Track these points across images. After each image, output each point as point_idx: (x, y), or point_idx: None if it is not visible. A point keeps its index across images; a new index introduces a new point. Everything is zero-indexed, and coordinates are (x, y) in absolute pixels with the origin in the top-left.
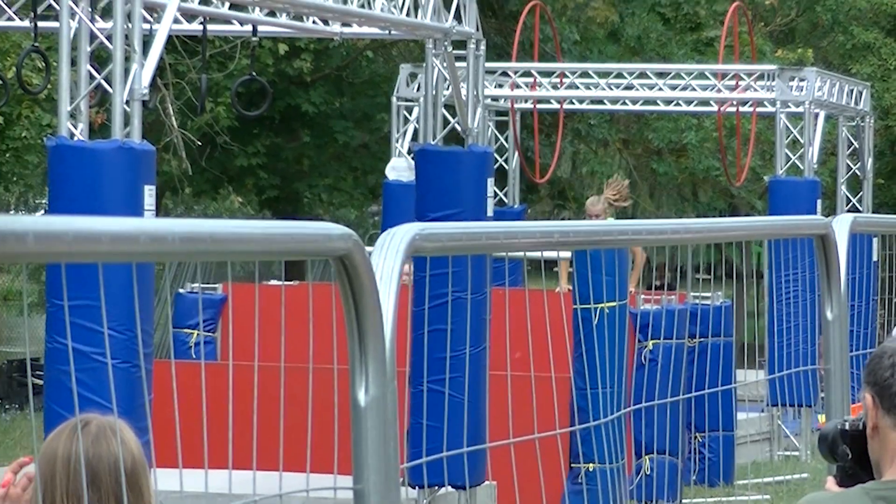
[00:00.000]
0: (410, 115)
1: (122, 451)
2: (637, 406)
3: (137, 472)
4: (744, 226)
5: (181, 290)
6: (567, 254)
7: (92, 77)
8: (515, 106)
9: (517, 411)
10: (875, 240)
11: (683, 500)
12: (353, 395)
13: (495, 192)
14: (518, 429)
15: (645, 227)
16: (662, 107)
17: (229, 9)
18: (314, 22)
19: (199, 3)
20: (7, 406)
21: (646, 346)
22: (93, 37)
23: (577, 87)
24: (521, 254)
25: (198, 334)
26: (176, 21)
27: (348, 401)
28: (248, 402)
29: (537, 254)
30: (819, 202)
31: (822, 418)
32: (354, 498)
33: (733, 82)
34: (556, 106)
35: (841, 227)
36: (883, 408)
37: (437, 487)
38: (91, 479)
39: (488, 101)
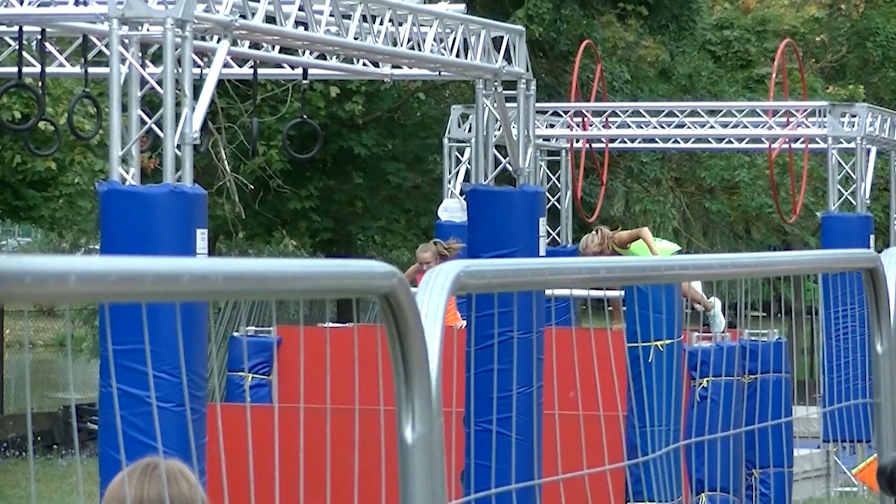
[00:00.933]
0: (462, 155)
1: (192, 493)
2: (689, 441)
3: None
4: (792, 260)
5: (235, 334)
6: (619, 293)
7: (143, 122)
8: (572, 145)
9: (570, 450)
10: None
11: None
12: (399, 432)
13: (548, 231)
14: (571, 467)
15: (692, 263)
16: (714, 144)
17: (279, 52)
18: (364, 64)
19: (250, 47)
20: (63, 452)
21: (700, 384)
22: (143, 82)
23: (629, 126)
24: (569, 292)
25: (252, 377)
26: (226, 65)
27: (395, 440)
28: (299, 444)
29: (586, 292)
30: (872, 237)
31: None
32: None
33: (784, 119)
34: (602, 144)
35: (890, 260)
36: None
37: None
38: None
39: (539, 140)
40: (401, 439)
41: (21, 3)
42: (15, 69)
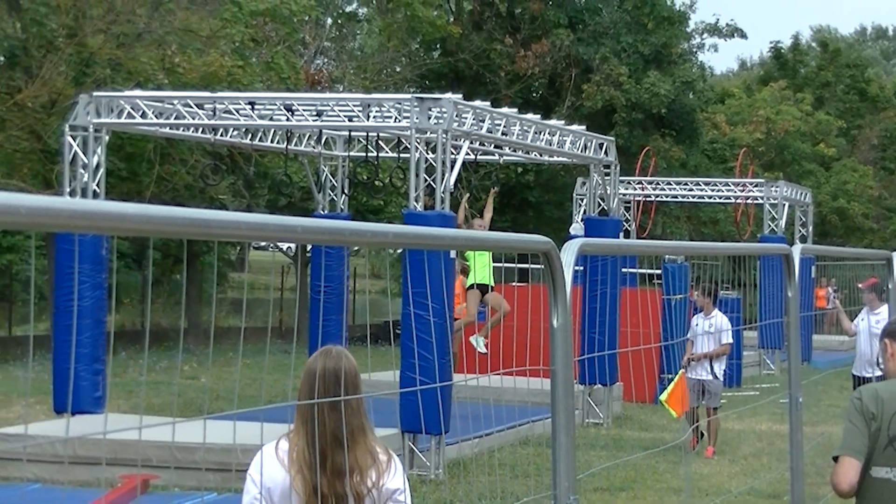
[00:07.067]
0: (582, 203)
1: (353, 366)
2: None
3: (359, 377)
4: (742, 248)
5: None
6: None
7: (425, 180)
8: (635, 199)
9: (636, 353)
10: (813, 266)
11: None
12: (550, 322)
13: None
14: (635, 359)
15: (686, 246)
16: (707, 200)
17: (493, 146)
18: (535, 154)
19: (479, 144)
20: (384, 344)
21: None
22: (426, 160)
23: (664, 189)
24: (636, 270)
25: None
26: (467, 153)
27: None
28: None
29: (644, 270)
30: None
31: None
32: (552, 377)
33: (743, 188)
34: (652, 198)
35: (796, 250)
36: None
37: (593, 385)
38: (335, 380)
39: (620, 194)
40: (551, 326)
41: (367, 119)
42: (362, 153)
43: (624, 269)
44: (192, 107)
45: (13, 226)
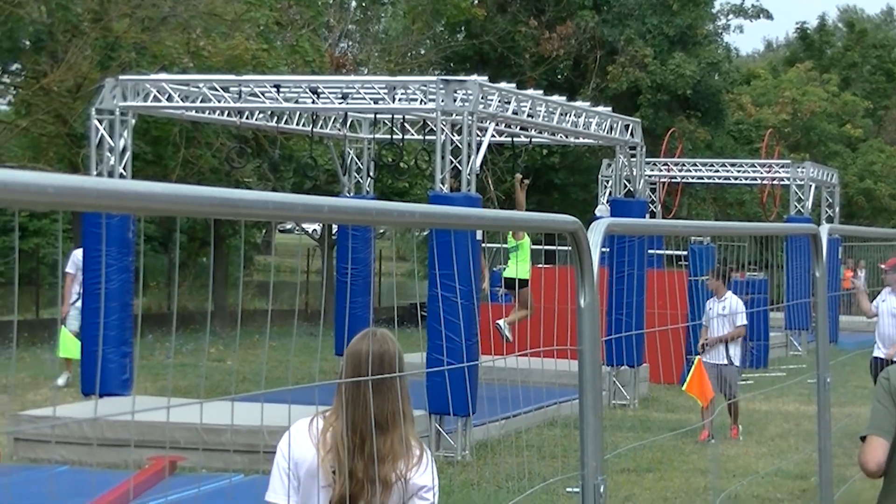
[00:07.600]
0: (607, 184)
1: (395, 349)
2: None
3: (402, 359)
4: (769, 228)
5: (494, 269)
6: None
7: (451, 162)
8: (661, 181)
9: (662, 334)
10: (840, 247)
11: None
12: (577, 302)
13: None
14: (662, 340)
15: (713, 226)
16: (733, 181)
17: (518, 129)
18: (560, 136)
19: (505, 126)
20: (409, 327)
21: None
22: (451, 142)
23: (690, 171)
24: (663, 252)
25: (502, 290)
26: (493, 136)
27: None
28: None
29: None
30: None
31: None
32: (579, 357)
33: (769, 169)
34: (678, 180)
35: (824, 230)
36: None
37: (619, 366)
38: (380, 363)
39: (646, 175)
40: (578, 306)
41: (393, 102)
42: (388, 136)
43: (650, 251)
44: (217, 90)
45: (42, 206)
